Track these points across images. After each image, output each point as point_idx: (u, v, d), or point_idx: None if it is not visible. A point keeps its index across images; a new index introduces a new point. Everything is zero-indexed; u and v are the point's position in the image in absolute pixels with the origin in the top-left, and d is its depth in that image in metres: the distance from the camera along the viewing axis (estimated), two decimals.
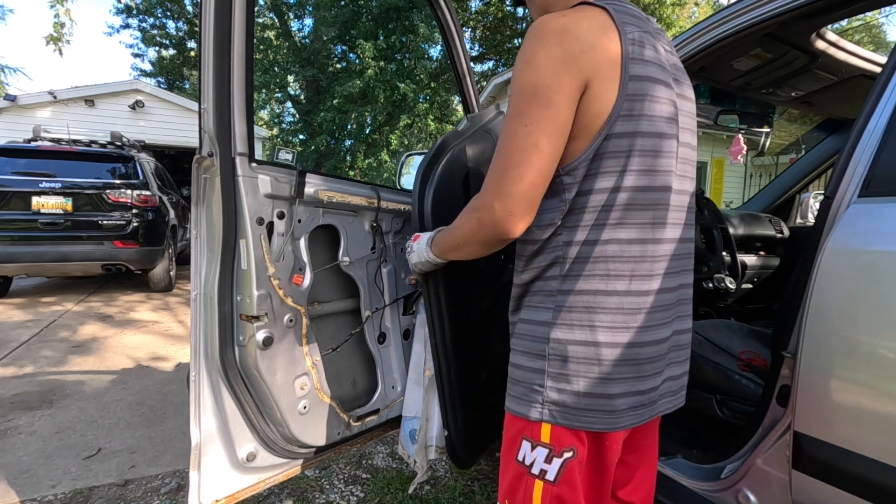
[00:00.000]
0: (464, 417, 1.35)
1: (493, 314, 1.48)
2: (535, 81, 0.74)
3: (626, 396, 0.79)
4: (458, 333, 1.31)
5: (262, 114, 17.23)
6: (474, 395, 1.40)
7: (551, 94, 0.73)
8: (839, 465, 0.94)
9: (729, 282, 1.78)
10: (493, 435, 1.61)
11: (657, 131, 0.78)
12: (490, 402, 1.47)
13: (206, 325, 1.17)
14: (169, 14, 16.95)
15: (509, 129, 0.77)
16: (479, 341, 1.44)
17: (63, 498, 1.87)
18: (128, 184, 5.36)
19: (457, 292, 1.28)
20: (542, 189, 0.77)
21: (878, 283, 0.89)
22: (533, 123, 0.74)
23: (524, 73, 0.75)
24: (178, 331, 4.33)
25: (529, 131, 0.74)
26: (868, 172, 0.97)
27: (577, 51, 0.73)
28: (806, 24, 1.48)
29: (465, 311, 1.34)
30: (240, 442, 1.24)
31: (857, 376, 0.93)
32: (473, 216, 0.82)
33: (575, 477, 0.81)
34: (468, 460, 1.44)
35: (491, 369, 1.49)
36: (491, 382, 1.48)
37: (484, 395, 1.44)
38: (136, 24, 17.06)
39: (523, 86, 0.75)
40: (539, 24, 0.76)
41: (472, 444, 1.43)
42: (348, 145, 14.47)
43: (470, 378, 1.38)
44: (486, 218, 0.79)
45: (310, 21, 14.90)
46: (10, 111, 8.78)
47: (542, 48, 0.74)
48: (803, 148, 2.96)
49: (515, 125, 0.76)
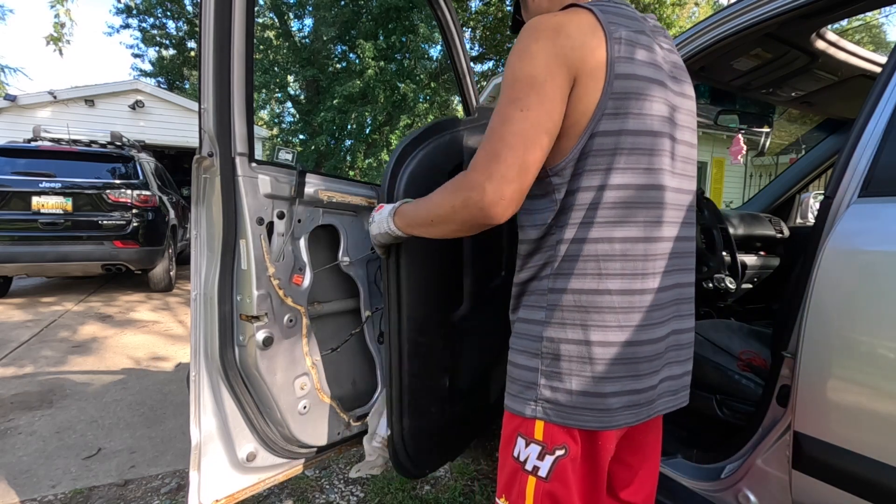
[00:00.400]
0: (412, 423, 1.27)
1: (476, 321, 1.36)
2: (532, 72, 0.74)
3: (619, 395, 0.79)
4: (418, 328, 1.23)
5: (262, 114, 17.23)
6: (432, 401, 1.31)
7: (546, 87, 0.74)
8: (839, 465, 0.94)
9: (729, 282, 1.79)
10: (454, 450, 1.53)
11: (648, 129, 0.78)
12: (456, 413, 1.39)
13: (206, 325, 1.17)
14: (169, 14, 16.94)
15: (504, 113, 0.76)
16: (448, 344, 1.33)
17: (63, 498, 1.87)
18: (128, 184, 5.36)
19: (425, 282, 1.21)
20: (532, 177, 0.76)
21: (878, 283, 0.90)
22: (530, 109, 0.74)
23: (520, 63, 0.76)
24: (178, 331, 4.33)
25: (526, 116, 0.74)
26: (868, 172, 0.97)
27: (569, 48, 0.74)
28: (806, 24, 1.48)
29: (433, 307, 1.25)
30: (240, 442, 1.24)
31: (857, 376, 0.93)
32: (459, 195, 0.79)
33: (567, 474, 0.81)
34: (412, 470, 1.34)
35: (462, 379, 1.39)
36: (460, 393, 1.39)
37: (447, 405, 1.35)
38: (136, 24, 17.05)
39: (519, 75, 0.76)
40: (534, 22, 0.78)
41: (420, 454, 1.32)
42: (348, 145, 14.47)
43: (427, 382, 1.29)
44: (475, 199, 0.76)
45: (310, 21, 14.90)
46: (10, 111, 8.78)
47: (536, 42, 0.75)
48: (803, 148, 2.97)
49: (511, 110, 0.75)
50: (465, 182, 0.79)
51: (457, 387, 1.38)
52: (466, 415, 1.45)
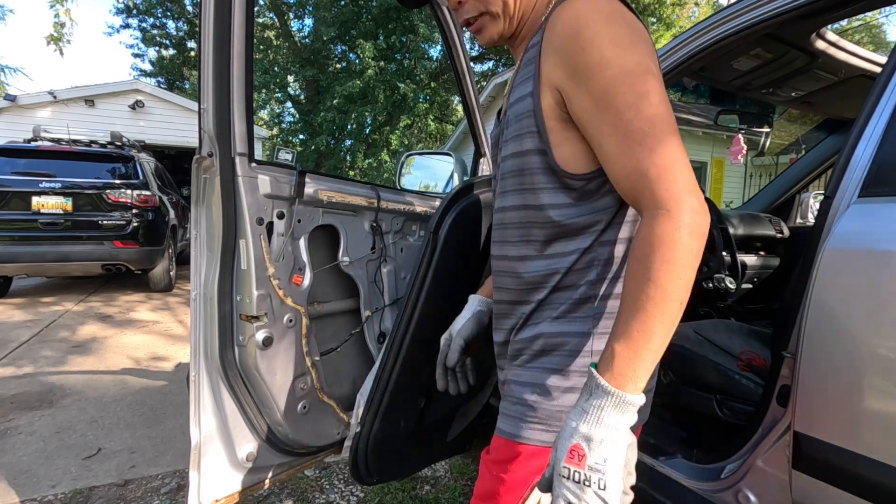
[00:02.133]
0: (381, 428, 1.26)
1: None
2: (640, 60, 0.63)
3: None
4: (420, 342, 1.22)
5: (262, 114, 17.24)
6: (404, 415, 1.31)
7: (658, 76, 0.64)
8: (839, 465, 0.94)
9: (729, 282, 1.79)
10: (408, 470, 1.55)
11: None
12: (421, 436, 1.40)
13: (205, 325, 1.17)
14: (169, 14, 16.96)
15: (657, 112, 0.60)
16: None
17: (63, 498, 1.87)
18: (128, 184, 5.37)
19: (439, 307, 1.20)
20: None
21: (878, 283, 0.89)
22: (665, 104, 0.62)
23: (622, 52, 0.62)
24: (178, 331, 4.33)
25: (670, 110, 0.62)
26: (868, 172, 0.97)
27: (645, 32, 0.67)
28: (806, 24, 1.48)
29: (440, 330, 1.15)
30: (240, 442, 1.24)
31: (857, 376, 0.93)
32: (683, 232, 0.58)
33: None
34: (364, 474, 1.29)
35: (434, 406, 1.39)
36: (430, 417, 1.40)
37: (416, 425, 1.36)
38: (136, 24, 17.09)
39: (629, 66, 0.62)
40: (596, 5, 0.65)
41: (380, 461, 1.30)
42: (348, 145, 14.48)
43: (406, 395, 1.29)
44: (701, 223, 0.59)
45: (310, 21, 14.90)
46: (10, 111, 8.78)
47: (621, 29, 0.64)
48: (803, 148, 2.96)
49: (659, 105, 0.61)
50: (690, 213, 0.58)
51: (428, 411, 1.39)
52: (429, 440, 1.48)
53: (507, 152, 0.78)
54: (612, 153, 0.64)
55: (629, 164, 0.62)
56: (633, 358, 0.58)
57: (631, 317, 0.59)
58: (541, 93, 0.70)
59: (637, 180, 0.61)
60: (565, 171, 0.71)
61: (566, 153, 0.71)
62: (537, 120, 0.71)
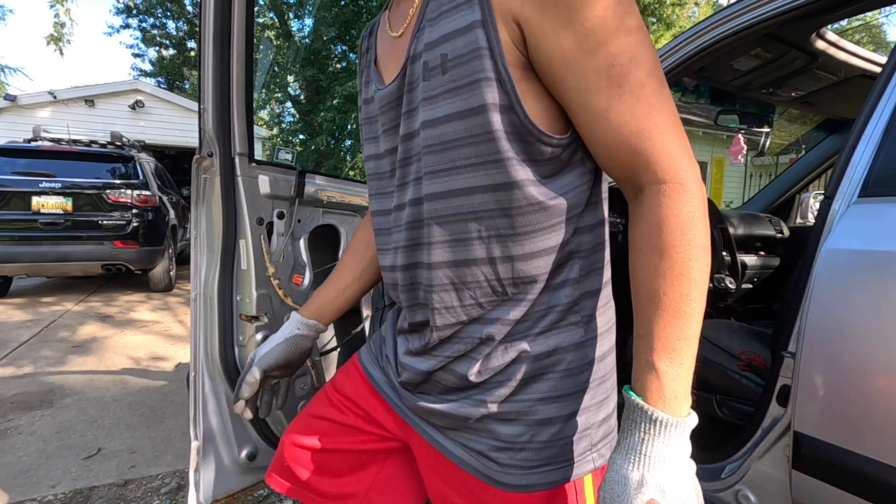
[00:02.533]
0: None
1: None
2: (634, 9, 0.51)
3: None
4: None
5: (262, 114, 17.24)
6: None
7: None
8: (839, 465, 0.94)
9: (729, 282, 1.78)
10: None
11: None
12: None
13: (205, 325, 1.17)
14: (169, 14, 16.95)
15: (656, 65, 0.50)
16: None
17: (63, 498, 1.87)
18: (128, 184, 5.37)
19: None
20: None
21: (878, 284, 0.89)
22: (658, 61, 0.52)
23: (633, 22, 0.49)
24: (178, 331, 4.33)
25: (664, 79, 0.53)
26: (868, 173, 0.97)
27: None
28: (806, 24, 1.48)
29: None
30: (240, 442, 1.24)
31: (857, 376, 0.93)
32: (702, 209, 0.49)
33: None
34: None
35: None
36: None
37: None
38: (136, 24, 17.08)
39: (624, 2, 0.50)
40: None
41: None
42: (348, 145, 14.48)
43: None
44: (700, 194, 0.50)
45: (310, 21, 14.91)
46: (10, 111, 8.78)
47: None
48: (803, 148, 2.97)
49: (656, 58, 0.50)
50: (694, 187, 0.49)
51: None
52: None
53: (439, 113, 0.55)
54: (601, 110, 0.49)
55: (627, 125, 0.49)
56: (680, 372, 0.48)
57: (669, 323, 0.48)
58: (497, 24, 0.51)
59: (637, 145, 0.49)
60: (543, 133, 0.53)
61: (536, 110, 0.53)
62: (497, 62, 0.51)
